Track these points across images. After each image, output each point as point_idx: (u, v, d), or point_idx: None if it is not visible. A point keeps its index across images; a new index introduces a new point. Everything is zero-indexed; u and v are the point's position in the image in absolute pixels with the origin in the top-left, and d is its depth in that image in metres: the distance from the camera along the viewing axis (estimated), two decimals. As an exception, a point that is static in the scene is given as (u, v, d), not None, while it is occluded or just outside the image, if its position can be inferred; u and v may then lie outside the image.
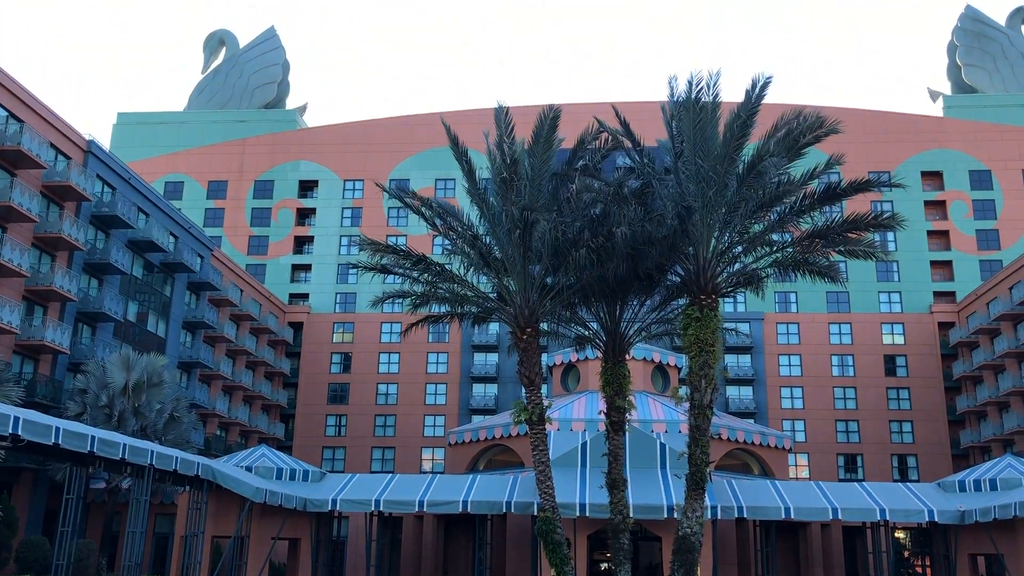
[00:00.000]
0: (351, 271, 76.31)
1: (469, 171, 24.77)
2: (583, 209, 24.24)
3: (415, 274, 26.06)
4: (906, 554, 41.93)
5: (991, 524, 30.59)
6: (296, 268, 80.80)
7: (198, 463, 29.83)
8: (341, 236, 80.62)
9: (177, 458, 28.56)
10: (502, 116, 24.41)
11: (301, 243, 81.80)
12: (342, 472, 56.20)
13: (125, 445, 25.88)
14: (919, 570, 41.17)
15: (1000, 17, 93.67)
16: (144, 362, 40.38)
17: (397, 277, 27.19)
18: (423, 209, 25.53)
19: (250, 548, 32.39)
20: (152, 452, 27.17)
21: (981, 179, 78.02)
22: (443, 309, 27.63)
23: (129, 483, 32.36)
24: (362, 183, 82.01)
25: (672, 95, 22.75)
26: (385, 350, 76.52)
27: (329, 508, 33.71)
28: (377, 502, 33.42)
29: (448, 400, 74.91)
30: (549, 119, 24.11)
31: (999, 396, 65.08)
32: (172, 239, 56.94)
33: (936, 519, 31.60)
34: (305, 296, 79.55)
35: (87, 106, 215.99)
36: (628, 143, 24.27)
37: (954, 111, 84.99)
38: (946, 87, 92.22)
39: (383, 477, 36.57)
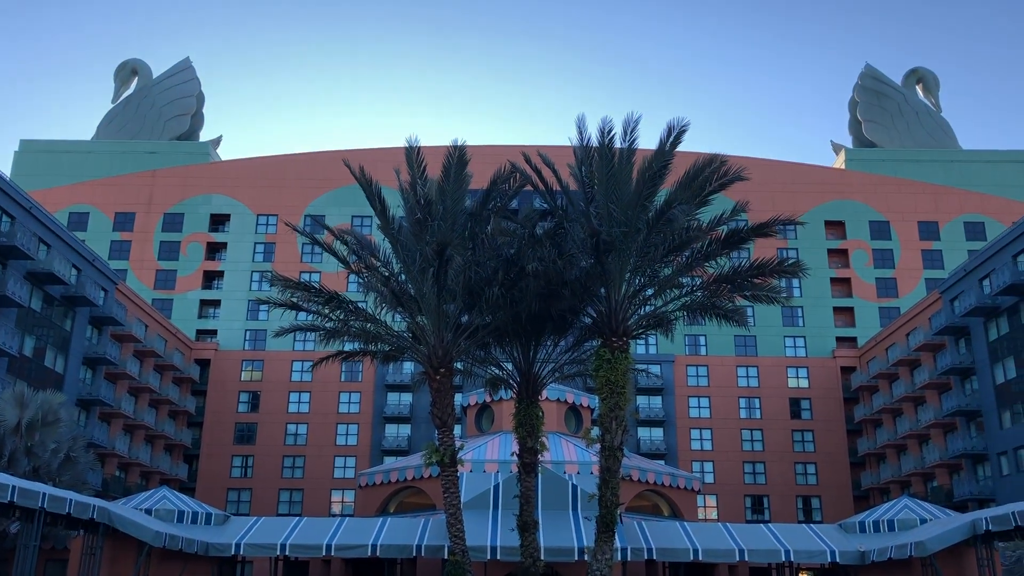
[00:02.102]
0: (262, 308, 74.76)
1: (382, 210, 24.64)
2: (498, 249, 24.36)
3: (327, 311, 25.68)
4: (809, 594, 42.73)
5: (888, 564, 31.49)
6: (205, 304, 78.74)
7: (93, 505, 28.49)
8: (253, 272, 79.03)
9: (71, 500, 27.23)
10: (413, 155, 24.41)
11: (211, 278, 79.85)
12: (247, 515, 54.47)
13: (14, 487, 24.56)
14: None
15: (897, 77, 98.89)
16: (39, 399, 38.42)
17: (309, 314, 26.74)
18: (336, 245, 25.24)
19: (147, 595, 30.96)
20: (44, 495, 25.85)
21: (880, 230, 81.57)
22: (356, 347, 27.25)
23: (18, 527, 30.63)
24: (276, 218, 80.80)
25: (581, 140, 23.15)
26: (295, 389, 74.95)
27: (232, 552, 32.54)
28: (283, 546, 32.42)
29: (360, 440, 73.65)
30: (457, 157, 24.23)
31: (897, 439, 67.51)
32: (74, 271, 54.89)
33: (838, 560, 32.33)
34: (213, 333, 77.49)
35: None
36: (542, 185, 24.56)
37: (855, 164, 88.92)
38: (848, 141, 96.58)
39: (289, 520, 35.55)
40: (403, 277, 24.92)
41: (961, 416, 59.82)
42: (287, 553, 32.81)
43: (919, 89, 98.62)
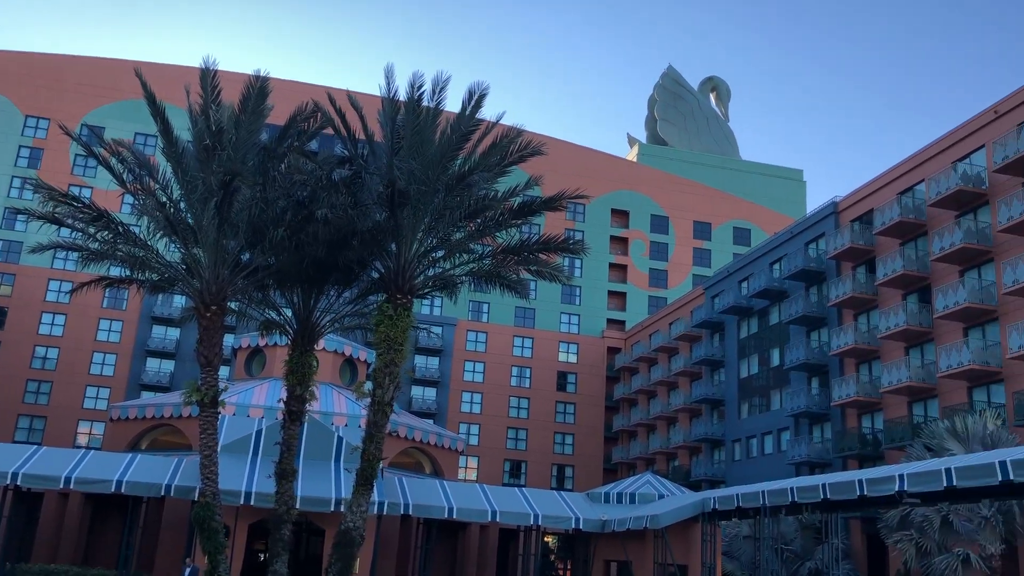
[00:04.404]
0: (19, 217, 68.31)
1: (166, 130, 23.02)
2: (290, 189, 23.58)
3: (93, 230, 23.77)
4: (552, 557, 45.14)
5: (625, 533, 33.83)
6: (-48, 205, 70.92)
7: None
8: (13, 177, 71.99)
9: None
10: (208, 78, 23.00)
11: (-38, 177, 71.95)
12: (-23, 439, 49.98)
13: None
14: (561, 572, 44.54)
15: (695, 82, 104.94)
16: None
17: (73, 231, 24.62)
18: (112, 161, 23.39)
19: None
20: None
21: (660, 224, 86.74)
22: (122, 273, 25.47)
23: None
24: (47, 122, 73.83)
25: (389, 91, 22.80)
26: (49, 310, 69.32)
27: (-47, 479, 29.72)
28: (15, 475, 29.95)
29: (117, 372, 69.42)
30: (258, 87, 23.13)
31: (649, 419, 72.49)
32: None
33: (581, 527, 34.30)
34: (-41, 238, 70.03)
35: None
36: (344, 131, 23.97)
37: (646, 159, 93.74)
38: (643, 135, 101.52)
39: (26, 448, 32.94)
40: (183, 205, 23.53)
41: (706, 403, 65.07)
42: (19, 483, 30.40)
43: (712, 97, 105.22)
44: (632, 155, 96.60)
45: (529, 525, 34.67)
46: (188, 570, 25.96)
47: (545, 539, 41.36)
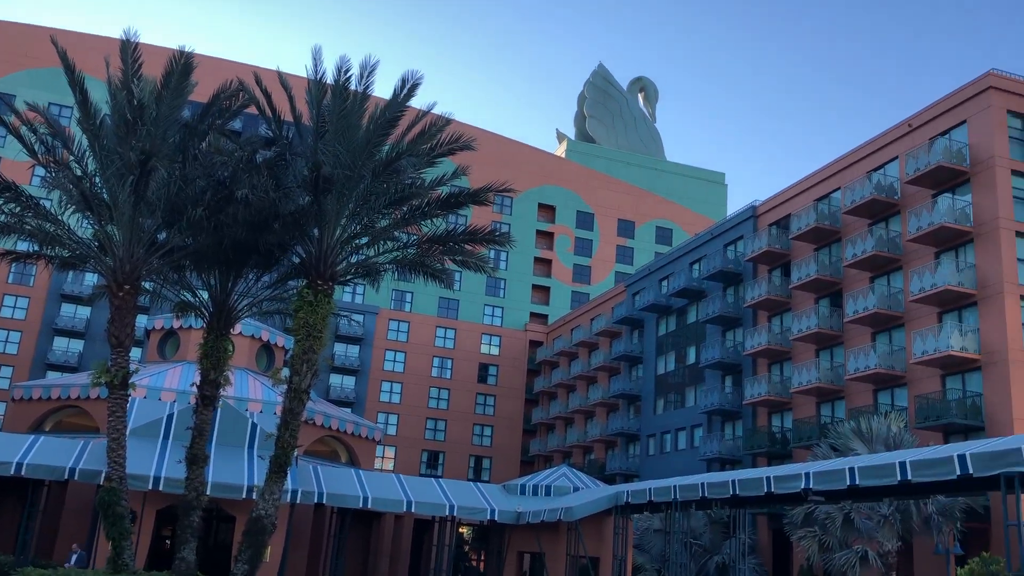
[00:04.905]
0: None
1: (83, 101, 22.15)
2: (211, 168, 22.99)
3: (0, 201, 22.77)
4: (466, 548, 45.26)
5: (539, 525, 34.14)
6: None
7: None
8: (-86, 143, 68.49)
9: None
10: (130, 51, 22.22)
11: None
12: None
13: None
14: (475, 563, 44.71)
15: (624, 81, 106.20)
16: None
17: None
18: (23, 130, 22.42)
19: None
20: None
21: (585, 220, 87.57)
22: (31, 248, 24.49)
23: None
24: (-47, 87, 70.45)
25: (316, 73, 22.44)
26: (-50, 283, 66.25)
27: None
28: (-95, 456, 28.65)
29: (21, 350, 66.83)
30: (181, 64, 22.45)
31: (567, 412, 73.20)
32: None
33: (496, 518, 34.50)
34: None
35: None
36: (269, 112, 23.47)
37: (574, 155, 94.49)
38: (572, 132, 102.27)
39: (-81, 428, 31.50)
40: (98, 180, 22.70)
41: (624, 399, 66.03)
42: (-90, 464, 29.04)
43: (640, 97, 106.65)
44: (561, 151, 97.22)
45: (444, 516, 34.67)
46: (75, 556, 25.21)
47: (460, 530, 41.42)
